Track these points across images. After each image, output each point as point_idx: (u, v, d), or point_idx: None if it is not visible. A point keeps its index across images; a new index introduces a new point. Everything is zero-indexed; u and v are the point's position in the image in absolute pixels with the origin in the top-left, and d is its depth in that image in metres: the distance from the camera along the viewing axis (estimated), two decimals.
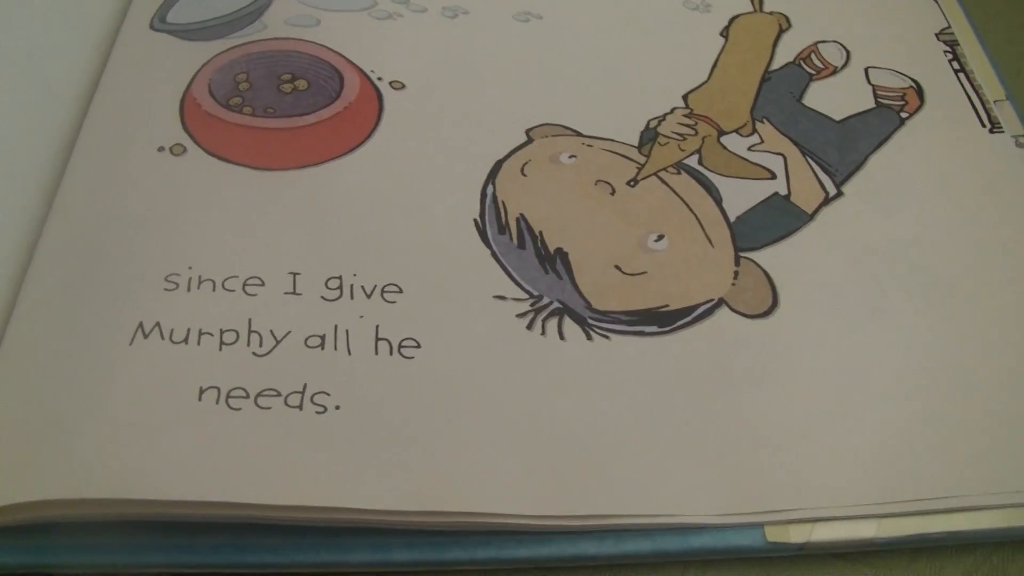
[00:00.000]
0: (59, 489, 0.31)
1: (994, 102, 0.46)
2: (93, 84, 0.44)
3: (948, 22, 0.49)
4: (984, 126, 0.45)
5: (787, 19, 0.49)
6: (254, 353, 0.35)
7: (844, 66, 0.47)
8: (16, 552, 0.32)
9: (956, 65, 0.48)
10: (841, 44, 0.48)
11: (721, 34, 0.49)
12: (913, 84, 0.46)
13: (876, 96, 0.46)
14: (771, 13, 0.50)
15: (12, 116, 0.40)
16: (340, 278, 0.37)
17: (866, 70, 0.47)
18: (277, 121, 0.42)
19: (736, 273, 0.39)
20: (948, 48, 0.48)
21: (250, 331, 0.35)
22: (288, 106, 0.43)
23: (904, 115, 0.45)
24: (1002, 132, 0.45)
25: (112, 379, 0.34)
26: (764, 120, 0.45)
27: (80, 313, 0.36)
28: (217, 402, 0.34)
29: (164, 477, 0.32)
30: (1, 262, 0.37)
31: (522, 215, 0.40)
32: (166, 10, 0.47)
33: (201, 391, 0.34)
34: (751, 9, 0.50)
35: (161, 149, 0.41)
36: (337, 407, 0.34)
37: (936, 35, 0.49)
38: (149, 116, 0.42)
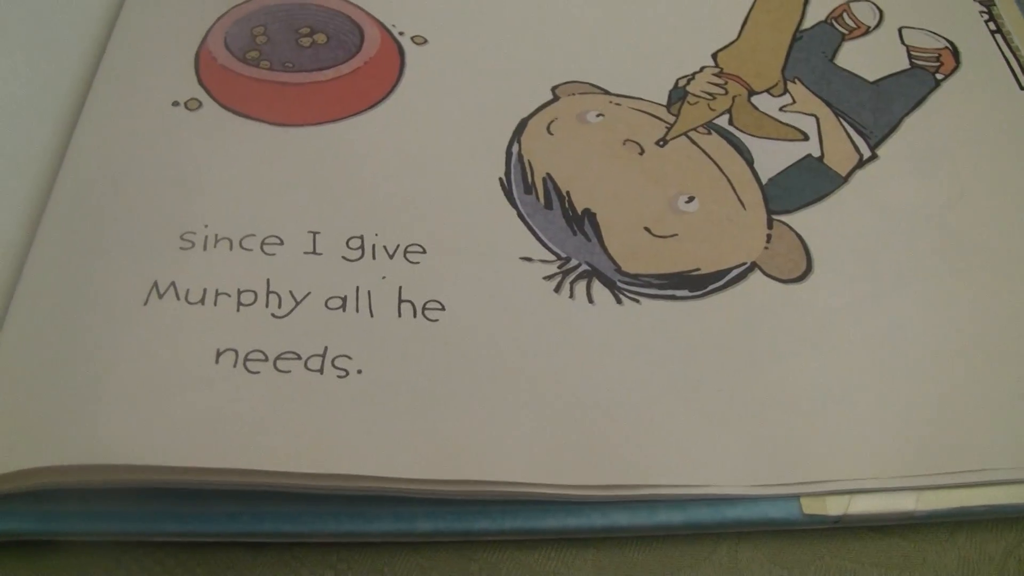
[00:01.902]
0: (71, 454, 0.30)
1: None
2: (105, 34, 0.43)
3: None
4: (1022, 88, 0.44)
5: None
6: (273, 315, 0.34)
7: (877, 26, 0.46)
8: (28, 518, 0.31)
9: (992, 26, 0.46)
10: (874, 3, 0.47)
11: None
12: (948, 45, 0.45)
13: (910, 57, 0.45)
14: None
15: (20, 68, 0.39)
16: (361, 238, 0.36)
17: (900, 30, 0.46)
18: (295, 76, 0.41)
19: (769, 236, 0.38)
20: (984, 9, 0.47)
21: (268, 292, 0.34)
22: (307, 60, 0.41)
23: (939, 76, 0.44)
24: None
25: (126, 340, 0.33)
26: (796, 80, 0.44)
27: (92, 272, 0.35)
28: (235, 365, 0.32)
29: (179, 442, 0.31)
30: (11, 218, 0.36)
31: (549, 175, 0.39)
32: None
33: (218, 353, 0.33)
34: None
35: (176, 103, 0.40)
36: (359, 371, 0.33)
37: None
38: (163, 69, 0.41)
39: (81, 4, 0.43)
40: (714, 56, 0.44)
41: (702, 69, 0.44)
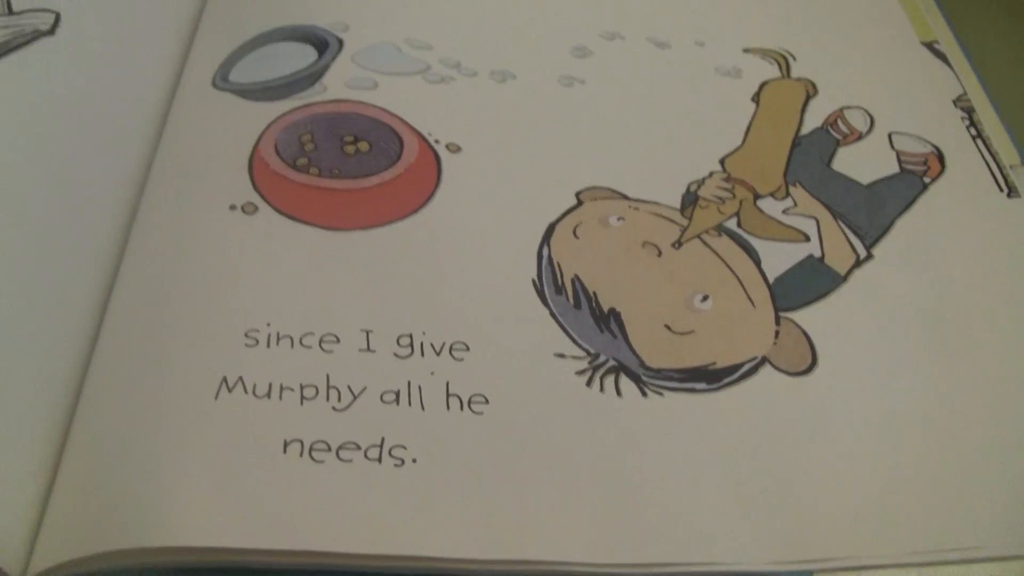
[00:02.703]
0: (148, 537, 0.33)
1: (1010, 167, 0.48)
2: (155, 139, 0.46)
3: (964, 89, 0.52)
4: (1002, 191, 0.47)
5: (814, 85, 0.52)
6: (333, 408, 0.37)
7: (869, 131, 0.50)
8: None
9: (973, 131, 0.50)
10: (865, 110, 0.51)
11: (752, 99, 0.51)
12: (934, 150, 0.49)
13: (900, 161, 0.48)
14: (798, 79, 0.52)
15: (75, 171, 0.42)
16: (410, 336, 0.39)
17: (890, 135, 0.49)
18: (343, 182, 0.44)
19: (777, 332, 0.41)
20: (965, 115, 0.51)
21: (329, 386, 0.38)
22: (352, 167, 0.45)
23: (927, 180, 0.48)
24: (1019, 197, 0.47)
25: (199, 431, 0.36)
26: (797, 184, 0.47)
27: (162, 367, 0.38)
28: (301, 455, 0.36)
29: (252, 526, 0.34)
30: (75, 313, 0.39)
31: (576, 276, 0.42)
32: (228, 68, 0.49)
33: (286, 444, 0.36)
34: (779, 75, 0.52)
35: (233, 207, 0.43)
36: (414, 460, 0.36)
37: (953, 102, 0.51)
38: (219, 174, 0.44)
39: (131, 107, 0.46)
40: (721, 161, 0.48)
41: (711, 174, 0.47)
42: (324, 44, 0.49)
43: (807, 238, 0.45)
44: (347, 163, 0.45)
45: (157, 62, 0.49)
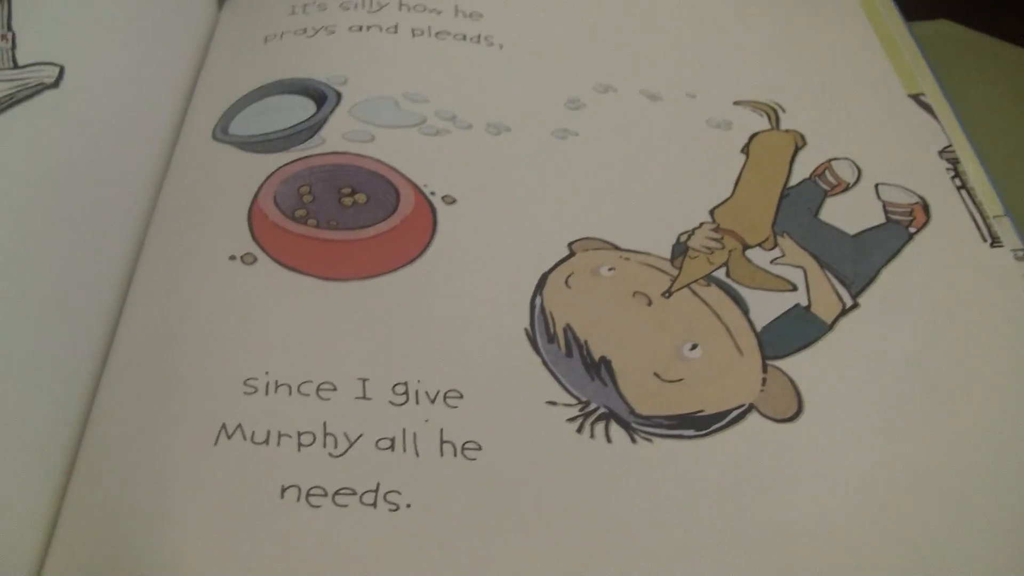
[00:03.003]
0: None
1: (993, 218, 0.49)
2: (156, 191, 0.47)
3: (949, 140, 0.53)
4: (985, 241, 0.48)
5: (802, 137, 0.53)
6: (330, 454, 0.38)
7: (856, 182, 0.51)
8: None
9: (958, 182, 0.51)
10: (853, 161, 0.52)
11: (742, 151, 0.52)
12: (920, 200, 0.50)
13: (886, 212, 0.49)
14: (787, 131, 0.53)
15: (77, 223, 0.43)
16: (406, 384, 0.40)
17: (876, 186, 0.51)
18: (341, 233, 0.45)
19: (764, 380, 0.42)
20: (950, 166, 0.52)
21: (326, 433, 0.39)
22: (350, 219, 0.46)
23: (912, 230, 0.49)
24: (1001, 247, 0.48)
25: (199, 477, 0.37)
26: (785, 234, 0.48)
27: (162, 415, 0.39)
28: (298, 500, 0.37)
29: (252, 570, 0.35)
30: (78, 364, 0.41)
31: (568, 325, 0.43)
32: (228, 121, 0.50)
33: (283, 489, 0.37)
34: (769, 127, 0.54)
35: (232, 258, 0.44)
36: (408, 505, 0.37)
37: (939, 153, 0.52)
38: (218, 225, 0.45)
39: (132, 157, 0.48)
40: (711, 212, 0.49)
41: (701, 225, 0.48)
42: (323, 97, 0.51)
43: (794, 287, 0.46)
44: (345, 215, 0.46)
45: (159, 114, 0.51)
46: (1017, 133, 0.56)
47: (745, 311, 0.45)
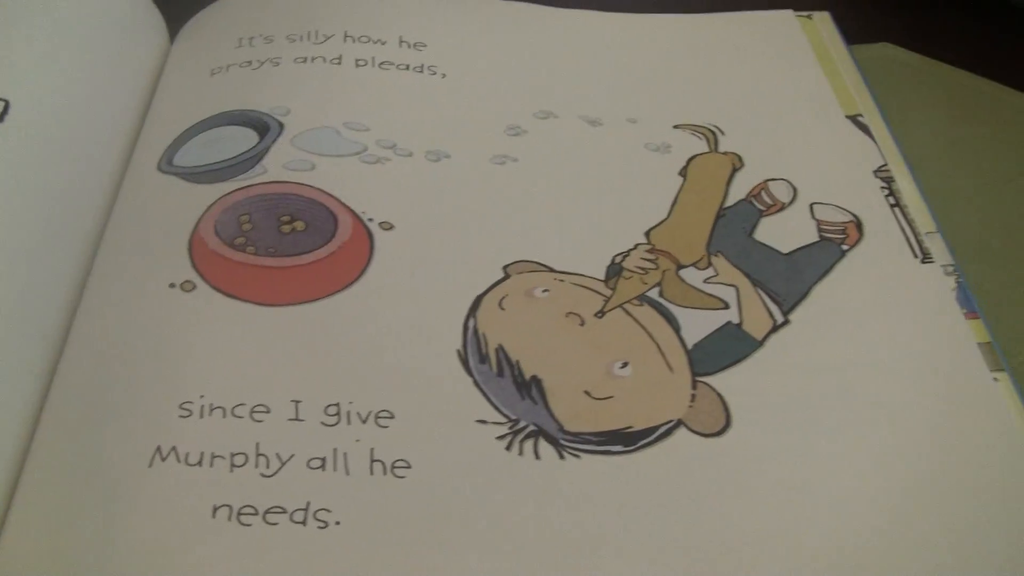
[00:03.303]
0: None
1: (925, 234, 0.50)
2: (102, 221, 0.48)
3: (884, 160, 0.54)
4: (916, 257, 0.49)
5: (740, 158, 0.54)
6: (262, 474, 0.39)
7: (792, 202, 0.52)
8: None
9: (892, 200, 0.52)
10: (789, 182, 0.53)
11: (680, 173, 0.53)
12: (854, 218, 0.51)
13: (820, 230, 0.51)
14: (725, 153, 0.54)
15: (25, 255, 0.44)
16: (338, 405, 0.41)
17: (811, 206, 0.52)
18: (278, 260, 0.46)
19: (693, 396, 0.43)
20: (885, 184, 0.53)
21: (258, 454, 0.39)
22: (288, 246, 0.47)
23: (845, 247, 0.50)
24: (932, 262, 0.49)
25: (133, 499, 0.38)
26: (719, 254, 0.49)
27: (101, 439, 0.40)
28: (229, 519, 0.37)
29: None
30: (22, 391, 0.41)
31: (501, 346, 0.44)
32: (173, 152, 0.51)
33: (215, 509, 0.38)
34: (707, 149, 0.55)
35: (172, 285, 0.45)
36: (337, 522, 0.38)
37: (874, 172, 0.53)
38: (160, 254, 0.46)
39: (80, 190, 0.49)
40: (647, 233, 0.50)
41: (636, 246, 0.49)
42: (265, 128, 0.52)
43: (726, 305, 0.47)
44: (283, 242, 0.47)
45: (107, 146, 0.52)
46: (953, 152, 0.57)
47: (677, 329, 0.46)
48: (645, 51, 0.61)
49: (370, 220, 0.48)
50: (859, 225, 0.51)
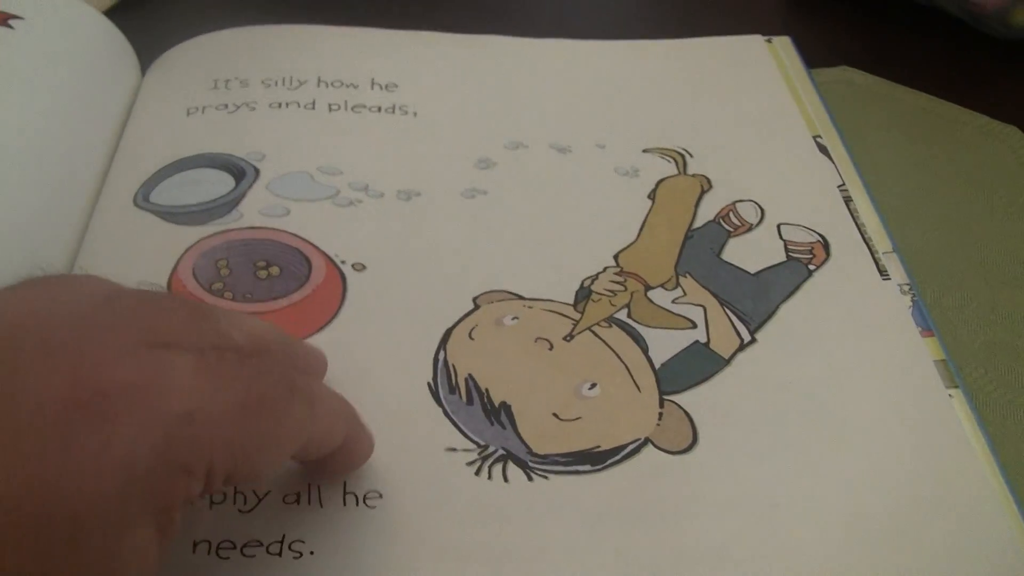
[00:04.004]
0: None
1: (883, 253, 0.52)
2: (73, 251, 0.49)
3: (843, 180, 0.55)
4: (881, 275, 0.51)
5: (708, 181, 0.55)
6: (239, 510, 0.40)
7: (759, 223, 0.53)
8: None
9: (857, 220, 0.53)
10: (756, 203, 0.54)
11: (648, 196, 0.54)
12: (820, 239, 0.52)
13: (787, 250, 0.52)
14: (694, 175, 0.56)
15: None
16: None
17: (778, 226, 0.53)
18: (255, 306, 0.47)
19: (660, 414, 0.44)
20: (845, 204, 0.54)
21: (236, 491, 0.41)
22: (264, 291, 0.48)
23: (812, 267, 0.51)
24: (889, 279, 0.50)
25: None
26: (687, 274, 0.50)
27: None
28: (208, 553, 0.39)
29: None
30: None
31: (470, 375, 0.45)
32: (149, 189, 0.52)
33: (195, 544, 0.39)
34: (676, 172, 0.56)
35: None
36: (311, 552, 0.39)
37: (838, 190, 0.55)
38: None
39: (52, 222, 0.50)
40: (615, 256, 0.51)
41: (605, 269, 0.50)
42: (241, 173, 0.53)
43: (694, 325, 0.48)
44: (259, 287, 0.48)
45: (79, 176, 0.53)
46: (911, 172, 0.59)
47: (644, 349, 0.47)
48: (613, 76, 0.63)
49: (343, 262, 0.50)
50: (826, 244, 0.52)
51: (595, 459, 0.43)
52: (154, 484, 0.29)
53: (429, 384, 0.45)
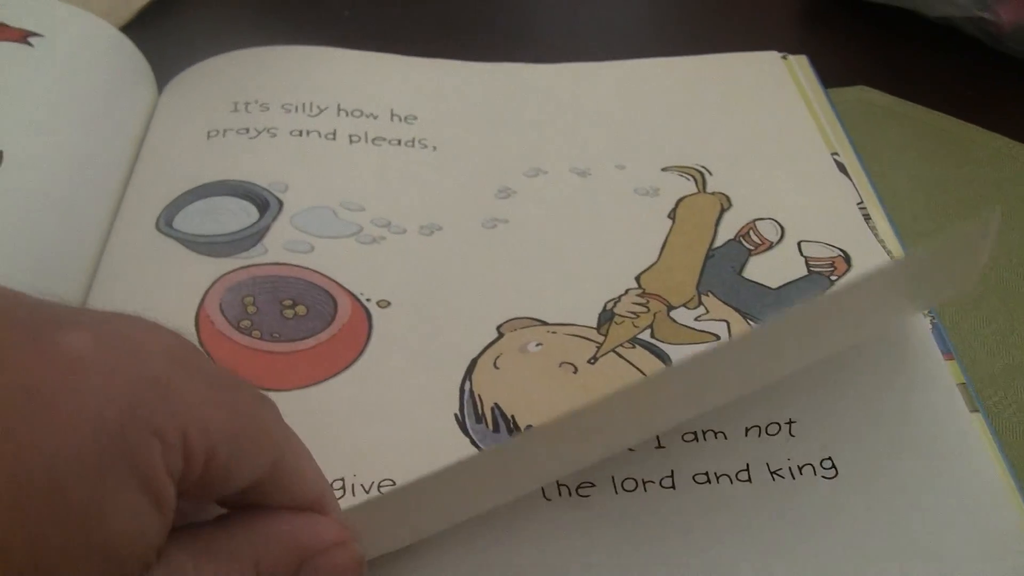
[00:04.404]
0: None
1: None
2: (91, 272, 0.50)
3: (861, 198, 0.56)
4: None
5: (728, 199, 0.56)
6: None
7: (779, 241, 0.53)
8: None
9: (878, 236, 0.53)
10: (776, 221, 0.54)
11: (669, 216, 0.55)
12: (841, 253, 0.52)
13: (808, 265, 0.52)
14: (713, 194, 0.56)
15: None
16: (343, 479, 0.43)
17: (799, 244, 0.53)
18: (282, 345, 0.48)
19: None
20: (864, 222, 0.54)
21: None
22: (291, 331, 0.48)
23: (833, 278, 0.51)
24: None
25: None
26: (709, 293, 0.51)
27: None
28: None
29: None
30: None
31: (496, 404, 0.46)
32: (172, 214, 0.53)
33: None
34: (695, 190, 0.56)
35: None
36: None
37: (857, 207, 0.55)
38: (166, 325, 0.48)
39: (73, 241, 0.50)
40: (637, 278, 0.51)
41: (627, 291, 0.51)
42: (265, 204, 0.54)
43: (718, 339, 0.48)
44: (286, 326, 0.49)
45: (97, 196, 0.53)
46: (928, 193, 0.59)
47: None
48: (632, 96, 0.64)
49: (368, 300, 0.50)
50: (847, 258, 0.52)
51: None
52: (127, 441, 0.28)
53: (456, 415, 0.45)
